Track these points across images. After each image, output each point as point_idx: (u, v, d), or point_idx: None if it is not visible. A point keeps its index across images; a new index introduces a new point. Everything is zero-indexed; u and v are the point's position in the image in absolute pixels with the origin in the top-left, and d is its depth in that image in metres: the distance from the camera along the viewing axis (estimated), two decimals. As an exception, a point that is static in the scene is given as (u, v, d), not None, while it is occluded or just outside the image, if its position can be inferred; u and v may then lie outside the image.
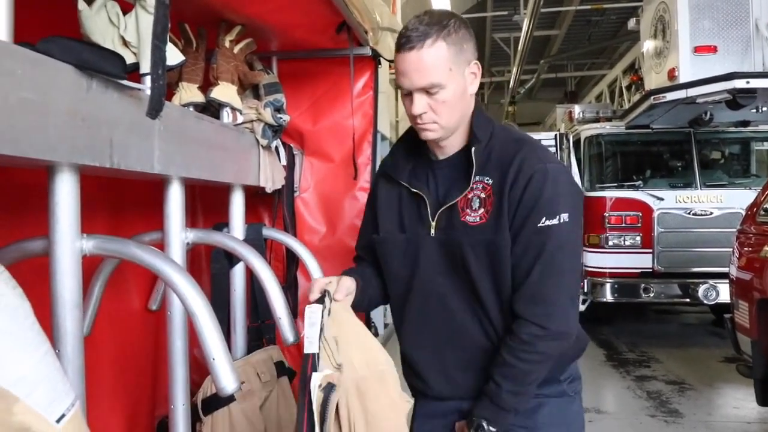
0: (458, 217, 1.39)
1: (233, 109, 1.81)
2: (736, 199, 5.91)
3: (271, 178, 2.03)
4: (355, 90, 2.37)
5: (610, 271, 6.33)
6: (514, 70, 12.32)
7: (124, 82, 1.15)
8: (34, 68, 0.92)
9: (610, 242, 6.31)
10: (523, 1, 9.89)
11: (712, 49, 4.83)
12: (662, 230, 6.16)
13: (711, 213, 6.09)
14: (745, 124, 6.36)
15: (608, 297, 6.29)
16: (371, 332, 2.64)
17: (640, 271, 6.21)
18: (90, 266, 1.57)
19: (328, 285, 1.35)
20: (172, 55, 1.28)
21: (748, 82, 4.59)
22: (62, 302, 1.09)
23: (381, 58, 2.40)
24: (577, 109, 7.43)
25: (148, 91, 1.17)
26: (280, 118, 1.94)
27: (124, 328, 1.88)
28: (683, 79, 4.90)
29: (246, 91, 1.97)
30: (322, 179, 2.43)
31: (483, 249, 1.36)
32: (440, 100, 1.34)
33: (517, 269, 1.35)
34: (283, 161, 2.21)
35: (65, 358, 1.09)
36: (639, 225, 6.24)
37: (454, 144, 1.44)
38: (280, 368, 2.02)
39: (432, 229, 1.42)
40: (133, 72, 1.24)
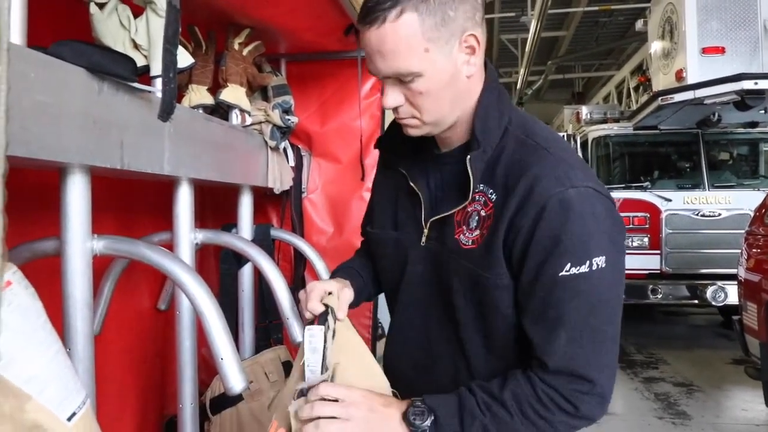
0: (452, 232, 1.08)
1: (242, 110, 1.83)
2: (745, 200, 5.87)
3: (279, 179, 2.04)
4: (363, 92, 2.39)
5: (618, 272, 6.29)
6: (521, 72, 12.27)
7: (135, 84, 1.16)
8: (46, 71, 0.94)
9: (618, 243, 6.27)
10: (531, 2, 9.87)
11: (720, 50, 4.81)
12: (670, 231, 6.13)
13: (719, 214, 6.04)
14: (753, 125, 6.32)
15: (616, 299, 6.24)
16: (378, 333, 2.66)
17: (647, 272, 6.16)
18: (101, 266, 1.58)
19: (328, 297, 1.10)
20: (182, 58, 1.29)
21: (756, 84, 4.56)
22: (73, 302, 1.11)
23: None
24: (584, 110, 7.40)
25: (158, 94, 1.19)
26: (289, 119, 1.95)
27: (133, 327, 1.89)
28: (691, 80, 4.88)
29: (255, 93, 1.99)
30: (330, 180, 2.44)
31: (469, 283, 1.05)
32: (417, 91, 0.99)
33: (534, 327, 1.01)
34: (291, 162, 2.22)
35: (76, 357, 1.10)
36: (647, 226, 6.19)
37: (457, 136, 1.11)
38: (288, 368, 2.03)
39: (424, 237, 1.13)
40: (144, 75, 1.25)
